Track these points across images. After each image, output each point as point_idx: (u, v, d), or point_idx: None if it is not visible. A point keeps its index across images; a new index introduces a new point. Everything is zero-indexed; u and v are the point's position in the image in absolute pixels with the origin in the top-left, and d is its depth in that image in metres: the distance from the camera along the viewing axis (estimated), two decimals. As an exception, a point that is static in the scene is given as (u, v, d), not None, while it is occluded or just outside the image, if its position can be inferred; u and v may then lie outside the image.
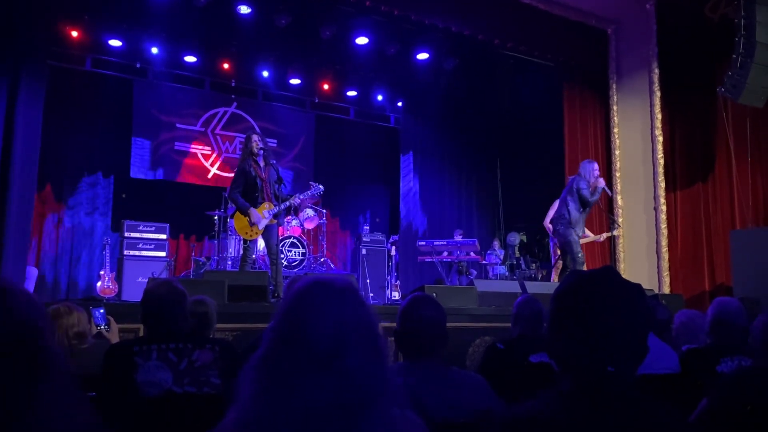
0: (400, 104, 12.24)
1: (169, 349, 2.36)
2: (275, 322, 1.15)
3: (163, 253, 8.54)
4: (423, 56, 10.29)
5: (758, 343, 2.30)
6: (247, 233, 6.04)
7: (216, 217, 8.83)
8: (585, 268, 6.89)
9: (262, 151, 6.07)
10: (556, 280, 8.05)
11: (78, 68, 9.64)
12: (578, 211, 6.92)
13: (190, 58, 10.20)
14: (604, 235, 8.27)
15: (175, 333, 2.45)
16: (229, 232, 8.75)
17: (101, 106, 9.89)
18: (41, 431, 1.06)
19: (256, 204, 6.06)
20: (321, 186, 6.48)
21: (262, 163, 6.07)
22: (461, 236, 10.14)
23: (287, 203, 6.13)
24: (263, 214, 6.01)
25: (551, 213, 7.90)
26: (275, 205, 6.02)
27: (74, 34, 9.24)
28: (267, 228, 6.05)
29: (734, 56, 7.30)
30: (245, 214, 6.00)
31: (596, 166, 7.18)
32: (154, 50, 9.81)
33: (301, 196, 6.33)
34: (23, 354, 1.08)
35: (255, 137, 6.12)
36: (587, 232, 7.90)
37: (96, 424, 1.14)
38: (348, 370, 1.07)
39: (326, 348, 1.08)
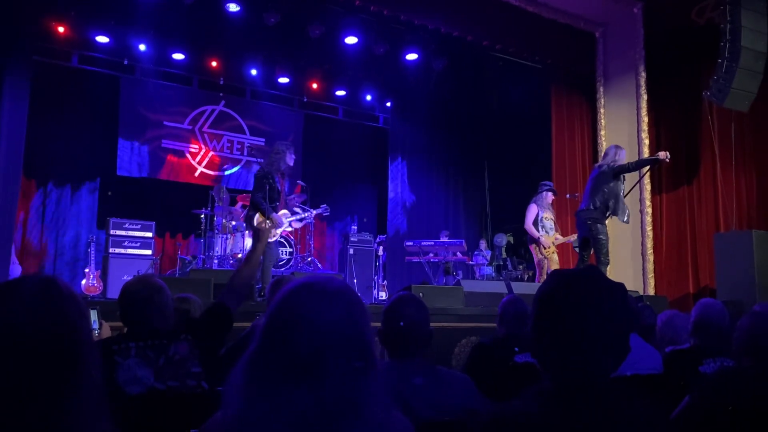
0: (388, 104, 12.25)
1: (147, 346, 2.34)
2: (264, 323, 1.14)
3: (149, 251, 8.48)
4: (412, 57, 10.30)
5: (742, 343, 2.32)
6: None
7: (202, 216, 8.78)
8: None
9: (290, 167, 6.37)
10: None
11: (64, 64, 9.56)
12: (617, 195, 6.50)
13: (178, 56, 10.15)
14: (573, 237, 8.17)
15: (153, 329, 2.42)
16: (216, 231, 8.71)
17: (88, 102, 9.80)
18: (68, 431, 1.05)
19: (276, 211, 6.30)
20: (328, 208, 7.02)
21: (280, 176, 6.29)
22: (447, 237, 10.15)
23: (300, 216, 6.57)
24: (284, 220, 6.34)
25: (530, 216, 7.90)
26: (291, 214, 6.47)
27: (60, 29, 9.16)
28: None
29: (720, 61, 7.37)
30: (268, 217, 6.11)
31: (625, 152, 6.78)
32: (142, 47, 9.75)
33: (314, 212, 6.75)
34: (63, 352, 1.09)
35: (291, 155, 6.27)
36: (558, 235, 7.91)
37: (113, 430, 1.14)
38: (332, 378, 1.06)
39: (310, 354, 1.06)
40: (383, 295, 9.85)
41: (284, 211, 6.38)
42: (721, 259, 7.54)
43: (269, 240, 6.18)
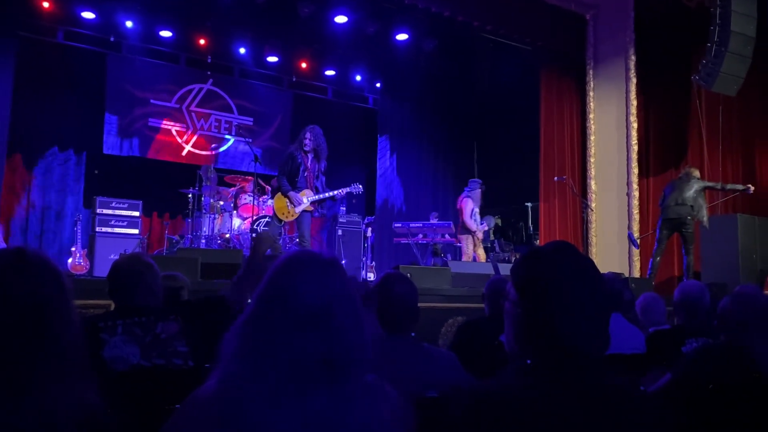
0: (378, 85, 12.18)
1: (134, 323, 2.34)
2: (263, 286, 1.19)
3: (135, 231, 8.42)
4: (402, 37, 10.23)
5: (720, 322, 2.37)
6: (283, 214, 6.44)
7: (190, 195, 8.73)
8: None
9: (311, 148, 6.46)
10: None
11: (49, 40, 9.40)
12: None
13: (165, 33, 10.02)
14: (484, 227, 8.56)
15: (141, 307, 2.42)
16: (204, 210, 8.67)
17: (74, 79, 9.64)
18: (39, 406, 1.05)
19: (295, 189, 6.43)
20: (360, 186, 6.90)
21: (311, 156, 6.46)
22: (437, 218, 10.17)
23: (328, 194, 6.55)
24: (303, 199, 6.39)
25: (468, 210, 8.14)
26: (315, 194, 6.44)
27: (46, 4, 9.00)
28: (301, 215, 6.42)
29: (709, 45, 7.38)
30: (286, 195, 6.38)
31: None
32: (129, 24, 9.61)
33: (343, 191, 6.73)
34: (31, 321, 1.07)
35: (308, 135, 6.44)
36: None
37: (98, 405, 1.13)
38: (333, 329, 1.12)
39: (313, 307, 1.12)
40: (371, 276, 9.87)
41: (306, 191, 6.43)
42: (706, 242, 7.62)
43: (288, 219, 6.45)
